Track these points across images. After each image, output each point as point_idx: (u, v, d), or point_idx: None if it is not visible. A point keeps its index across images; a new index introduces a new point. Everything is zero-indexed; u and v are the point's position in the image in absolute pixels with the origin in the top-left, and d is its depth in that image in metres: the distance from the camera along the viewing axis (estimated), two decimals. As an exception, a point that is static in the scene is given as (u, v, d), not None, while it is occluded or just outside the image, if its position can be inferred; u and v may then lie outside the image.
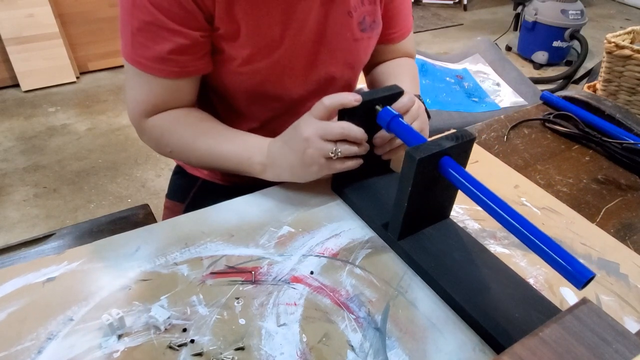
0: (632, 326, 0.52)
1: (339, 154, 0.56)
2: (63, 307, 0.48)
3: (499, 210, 0.46)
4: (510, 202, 0.67)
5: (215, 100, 0.74)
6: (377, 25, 0.73)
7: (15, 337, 0.45)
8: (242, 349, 0.46)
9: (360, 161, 0.59)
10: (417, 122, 0.61)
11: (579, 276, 0.40)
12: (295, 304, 0.50)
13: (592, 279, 0.40)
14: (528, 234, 0.44)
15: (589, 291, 0.55)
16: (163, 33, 0.57)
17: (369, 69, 0.86)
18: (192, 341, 0.46)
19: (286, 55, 0.66)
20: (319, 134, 0.55)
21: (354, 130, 0.56)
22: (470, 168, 0.52)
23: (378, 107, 0.58)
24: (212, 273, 0.53)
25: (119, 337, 0.46)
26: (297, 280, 0.53)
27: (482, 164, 0.76)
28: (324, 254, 0.56)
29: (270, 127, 0.73)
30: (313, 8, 0.64)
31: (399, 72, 0.79)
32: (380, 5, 0.73)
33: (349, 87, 0.79)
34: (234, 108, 0.73)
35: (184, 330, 0.47)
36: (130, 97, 0.65)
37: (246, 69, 0.65)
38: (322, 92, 0.74)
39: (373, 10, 0.71)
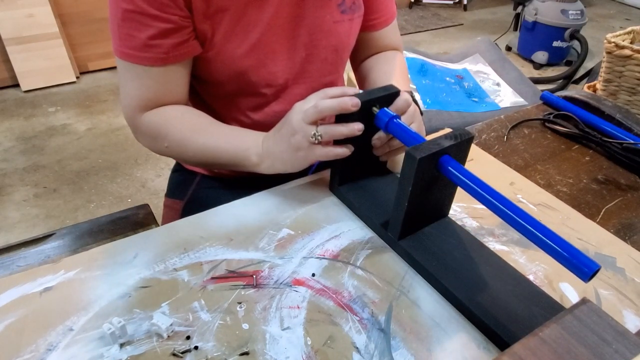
0: (631, 319, 0.52)
1: (320, 137, 0.56)
2: (62, 317, 0.47)
3: (502, 207, 0.46)
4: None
5: (206, 97, 0.75)
6: (357, 7, 0.73)
7: (14, 349, 0.44)
8: (246, 354, 0.45)
9: (346, 150, 0.58)
10: (415, 124, 0.61)
11: (585, 269, 0.40)
12: (299, 307, 0.50)
13: (597, 271, 0.40)
14: (532, 229, 0.44)
15: (588, 286, 0.56)
16: (145, 20, 0.59)
17: (356, 64, 0.85)
18: (196, 347, 0.45)
19: (264, 39, 0.66)
20: (302, 118, 0.56)
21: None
22: (466, 166, 0.52)
23: (375, 109, 0.58)
24: (212, 278, 0.53)
25: (121, 346, 0.45)
26: (299, 282, 0.53)
27: (477, 162, 0.76)
28: (324, 255, 0.56)
29: (261, 117, 0.74)
30: None
31: (388, 69, 0.78)
32: None
33: (335, 71, 0.78)
34: (223, 101, 0.74)
35: (188, 337, 0.46)
36: (123, 94, 0.66)
37: (227, 55, 0.66)
38: (308, 76, 0.74)
39: None
